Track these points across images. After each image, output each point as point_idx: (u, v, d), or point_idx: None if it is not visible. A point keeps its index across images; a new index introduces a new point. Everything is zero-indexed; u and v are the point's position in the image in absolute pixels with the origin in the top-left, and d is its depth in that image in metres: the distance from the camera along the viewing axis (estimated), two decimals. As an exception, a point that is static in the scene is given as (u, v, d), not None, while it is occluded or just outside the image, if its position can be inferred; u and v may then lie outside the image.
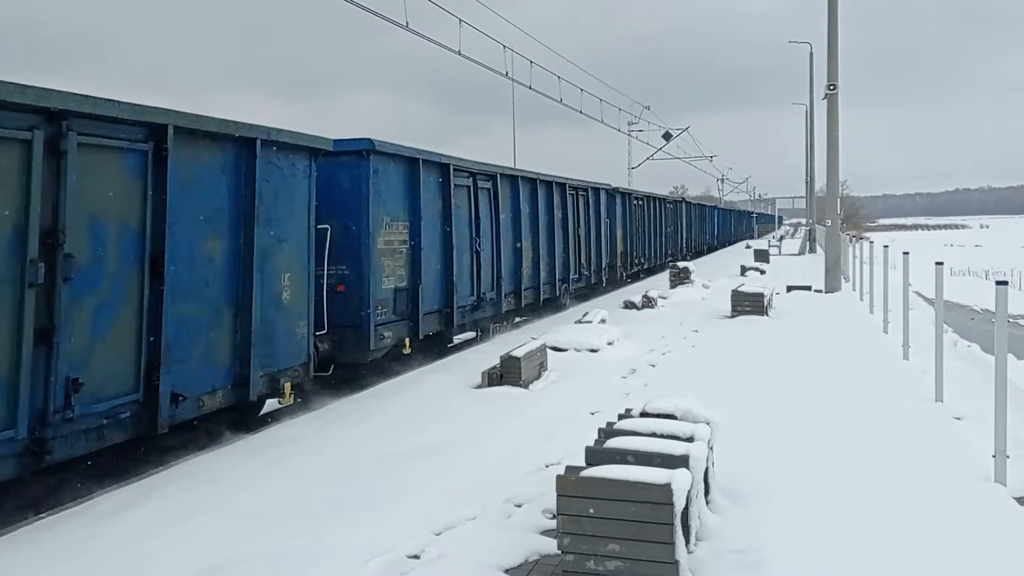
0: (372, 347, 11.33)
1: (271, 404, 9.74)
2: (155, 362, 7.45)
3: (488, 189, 15.67)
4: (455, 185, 13.95)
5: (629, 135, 56.02)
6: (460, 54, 18.06)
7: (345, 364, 11.22)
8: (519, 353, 10.52)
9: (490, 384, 10.40)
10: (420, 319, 12.61)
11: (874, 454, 7.23)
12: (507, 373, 10.40)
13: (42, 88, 6.41)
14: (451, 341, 14.71)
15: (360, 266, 11.29)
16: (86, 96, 6.79)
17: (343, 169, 11.25)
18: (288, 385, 9.38)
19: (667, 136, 58.24)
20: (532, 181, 18.18)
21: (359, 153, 11.37)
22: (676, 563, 4.72)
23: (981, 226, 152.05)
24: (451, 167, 13.86)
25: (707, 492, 5.91)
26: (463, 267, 14.42)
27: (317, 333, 10.22)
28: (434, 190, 13.42)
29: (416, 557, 5.36)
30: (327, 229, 10.64)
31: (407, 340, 12.39)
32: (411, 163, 12.62)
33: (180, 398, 7.72)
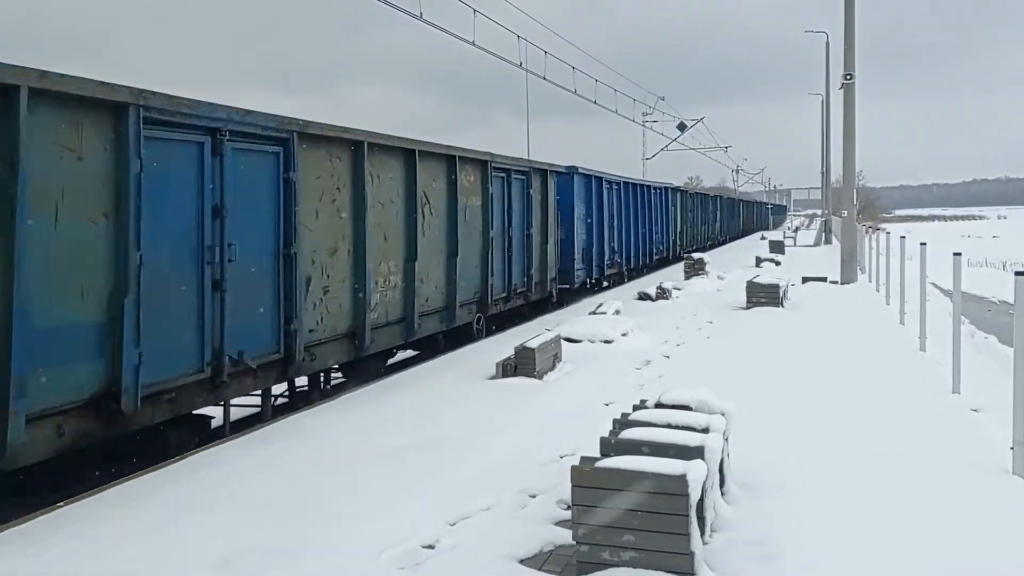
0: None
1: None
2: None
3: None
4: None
5: (643, 126, 55.94)
6: (474, 44, 18.05)
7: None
8: (533, 344, 10.51)
9: (504, 375, 10.41)
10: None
11: (890, 446, 7.19)
12: (521, 364, 10.40)
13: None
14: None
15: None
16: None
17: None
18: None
19: (681, 127, 58.07)
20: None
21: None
22: (691, 554, 4.71)
23: (999, 217, 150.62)
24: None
25: (722, 483, 5.90)
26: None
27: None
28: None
29: (431, 547, 5.37)
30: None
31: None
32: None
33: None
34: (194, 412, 8.14)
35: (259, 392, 9.12)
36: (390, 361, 12.36)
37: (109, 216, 6.92)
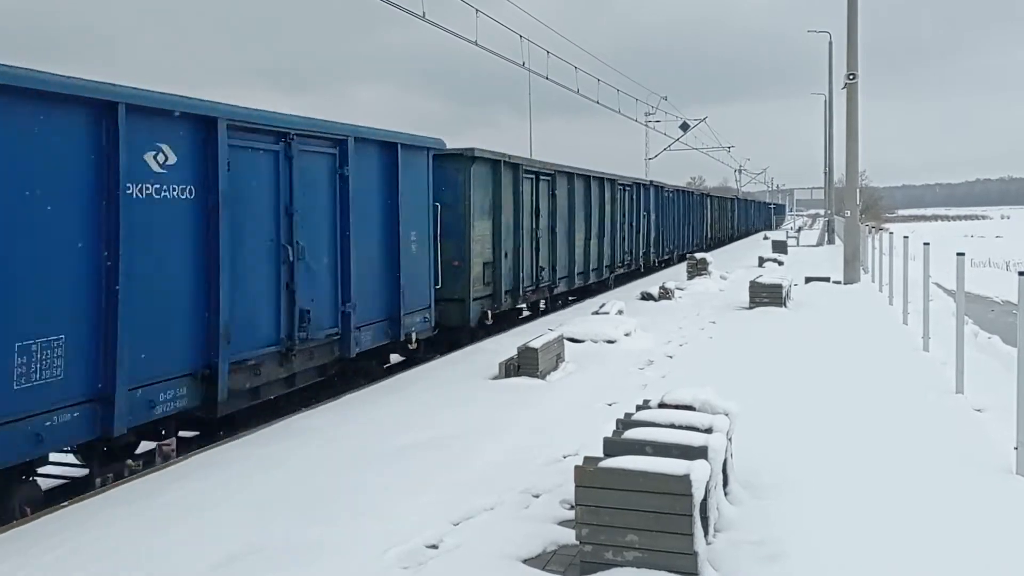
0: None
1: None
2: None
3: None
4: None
5: (646, 126, 55.96)
6: (477, 44, 18.06)
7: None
8: (536, 344, 10.51)
9: (507, 375, 10.40)
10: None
11: (893, 446, 7.19)
12: (524, 364, 10.39)
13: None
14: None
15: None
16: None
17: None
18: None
19: (684, 127, 58.05)
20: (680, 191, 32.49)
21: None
22: (695, 554, 4.71)
23: (1002, 216, 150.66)
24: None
25: (725, 483, 5.89)
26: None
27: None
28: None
29: (434, 547, 5.37)
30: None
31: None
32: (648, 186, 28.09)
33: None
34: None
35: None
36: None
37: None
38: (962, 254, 9.16)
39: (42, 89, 6.25)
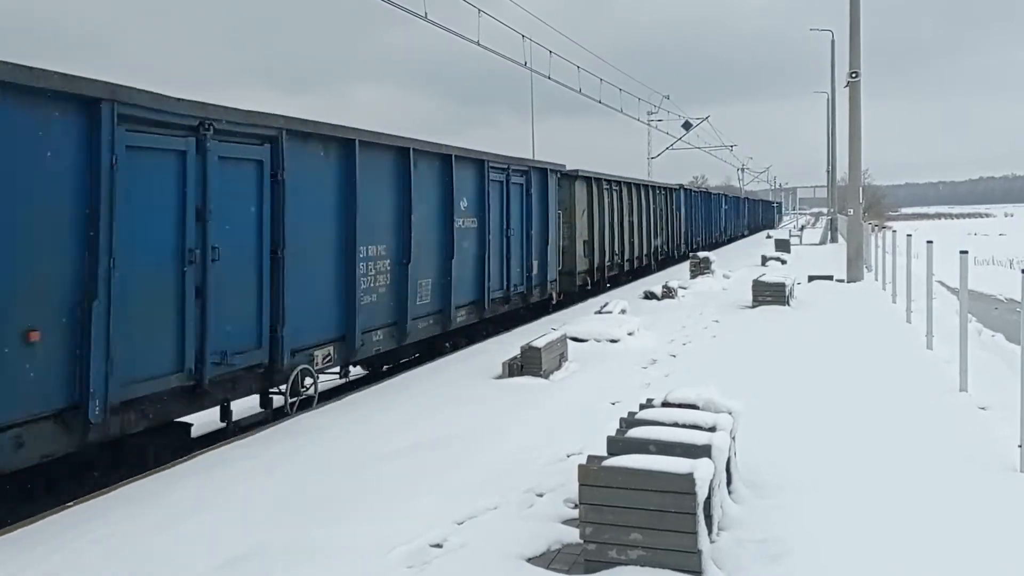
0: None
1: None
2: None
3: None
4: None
5: (649, 125, 55.89)
6: (479, 44, 18.07)
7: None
8: (539, 344, 10.52)
9: (511, 375, 10.41)
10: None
11: (897, 444, 7.19)
12: (528, 364, 10.40)
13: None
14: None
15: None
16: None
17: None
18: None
19: (687, 125, 57.92)
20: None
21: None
22: (699, 552, 4.72)
23: (1005, 215, 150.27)
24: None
25: (729, 482, 5.90)
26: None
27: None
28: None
29: (439, 546, 5.38)
30: None
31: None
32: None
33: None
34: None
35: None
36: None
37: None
38: (965, 252, 9.15)
39: None
